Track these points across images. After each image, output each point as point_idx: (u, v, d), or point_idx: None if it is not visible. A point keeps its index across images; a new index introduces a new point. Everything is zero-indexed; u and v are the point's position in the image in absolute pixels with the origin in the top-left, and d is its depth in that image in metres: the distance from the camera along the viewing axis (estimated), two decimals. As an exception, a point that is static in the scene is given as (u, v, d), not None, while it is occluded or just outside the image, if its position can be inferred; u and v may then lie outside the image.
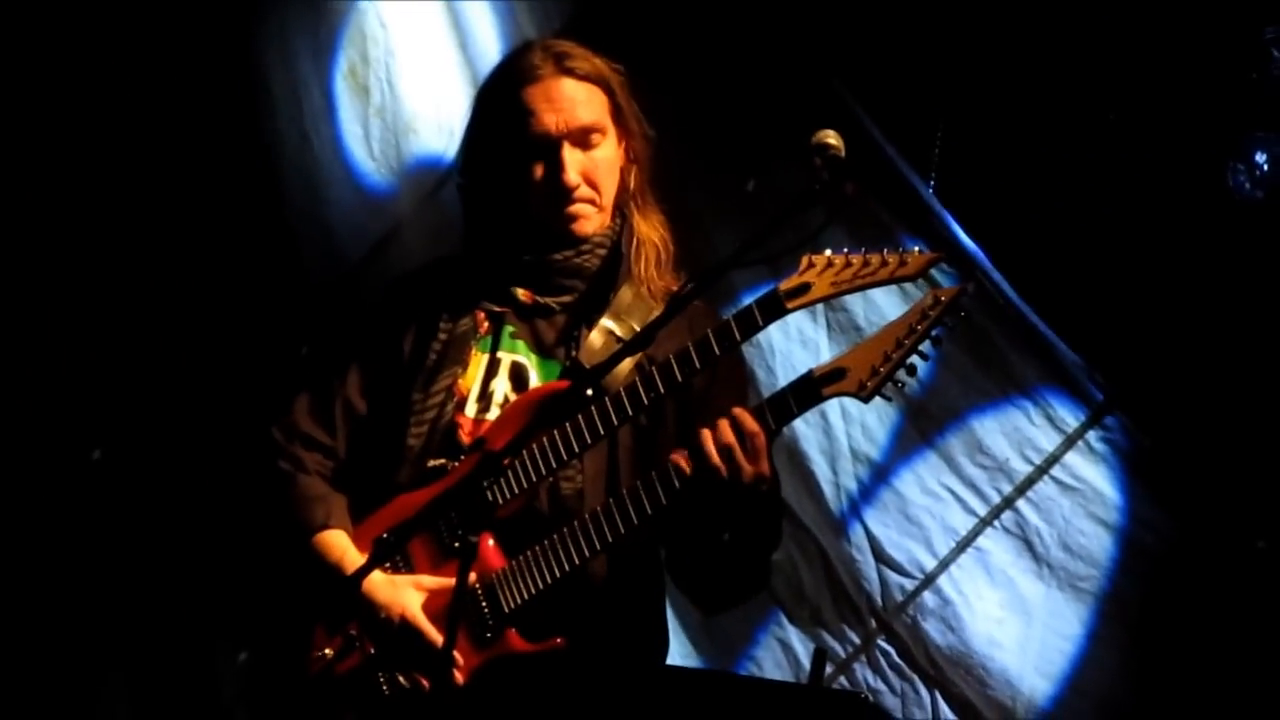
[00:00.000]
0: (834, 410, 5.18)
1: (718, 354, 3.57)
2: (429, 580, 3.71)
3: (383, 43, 5.75)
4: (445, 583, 3.64)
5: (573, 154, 3.79)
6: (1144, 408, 4.95)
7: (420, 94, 5.69)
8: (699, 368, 3.58)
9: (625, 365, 3.68)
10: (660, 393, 3.60)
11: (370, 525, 3.80)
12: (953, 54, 5.16)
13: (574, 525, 3.64)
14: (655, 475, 3.59)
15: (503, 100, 3.83)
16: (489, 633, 3.67)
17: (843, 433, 5.18)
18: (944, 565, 5.10)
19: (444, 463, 3.78)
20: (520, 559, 3.67)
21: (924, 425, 5.12)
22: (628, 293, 3.84)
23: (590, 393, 3.61)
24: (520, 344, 3.85)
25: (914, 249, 3.50)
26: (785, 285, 3.54)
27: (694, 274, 3.83)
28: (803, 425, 5.19)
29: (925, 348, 3.50)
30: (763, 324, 3.54)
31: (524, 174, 3.81)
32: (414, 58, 5.70)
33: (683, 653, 5.24)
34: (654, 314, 3.78)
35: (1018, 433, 5.04)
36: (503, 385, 3.83)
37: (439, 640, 3.63)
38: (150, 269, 5.78)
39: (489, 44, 5.47)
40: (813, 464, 5.20)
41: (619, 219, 3.89)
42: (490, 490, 3.50)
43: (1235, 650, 4.80)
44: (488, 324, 3.86)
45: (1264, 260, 4.85)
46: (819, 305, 5.06)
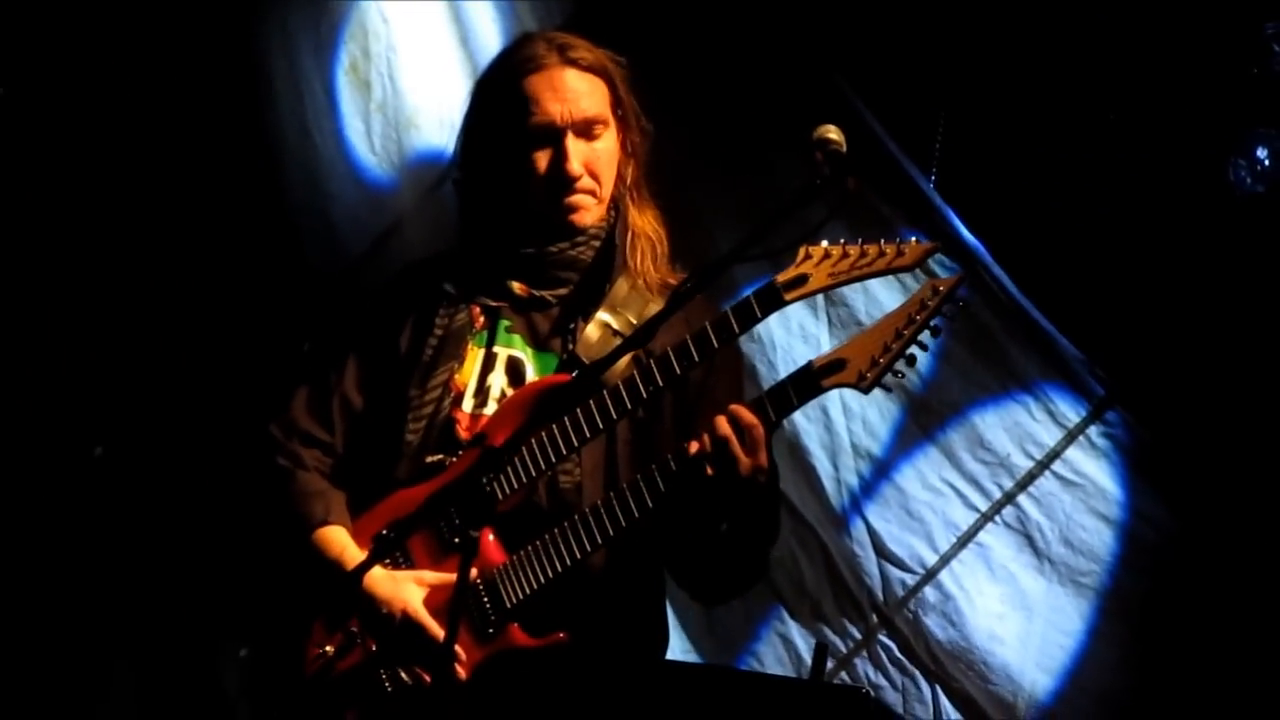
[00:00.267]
0: (835, 405, 5.18)
1: (716, 346, 3.57)
2: (430, 576, 3.71)
3: (384, 38, 5.75)
4: (447, 578, 3.64)
5: (576, 144, 3.78)
6: (1145, 403, 4.95)
7: (421, 89, 5.69)
8: (697, 360, 3.58)
9: (623, 359, 3.68)
10: (659, 386, 3.59)
11: (369, 520, 3.80)
12: (954, 49, 5.16)
13: (574, 519, 3.64)
14: (655, 468, 3.59)
15: (505, 89, 3.81)
16: (491, 628, 3.67)
17: (844, 428, 5.18)
18: (945, 560, 5.10)
19: (442, 458, 3.78)
20: (521, 554, 3.66)
21: (925, 420, 5.12)
22: (623, 285, 3.84)
23: (589, 386, 3.61)
24: (516, 338, 3.85)
25: (911, 239, 3.50)
26: (783, 277, 3.53)
27: (695, 269, 3.82)
28: (804, 420, 5.20)
29: (924, 338, 3.50)
30: (761, 316, 3.54)
31: (525, 163, 3.79)
32: (415, 53, 5.70)
33: (684, 648, 5.24)
34: (650, 306, 3.79)
35: (1019, 428, 5.05)
36: (499, 380, 3.82)
37: (441, 635, 3.62)
38: (153, 265, 5.78)
39: (490, 39, 5.47)
40: (814, 459, 5.21)
41: (614, 211, 3.88)
42: (491, 485, 3.51)
43: (1236, 646, 4.80)
44: (483, 318, 3.85)
45: (1265, 255, 4.85)
46: (819, 299, 5.10)
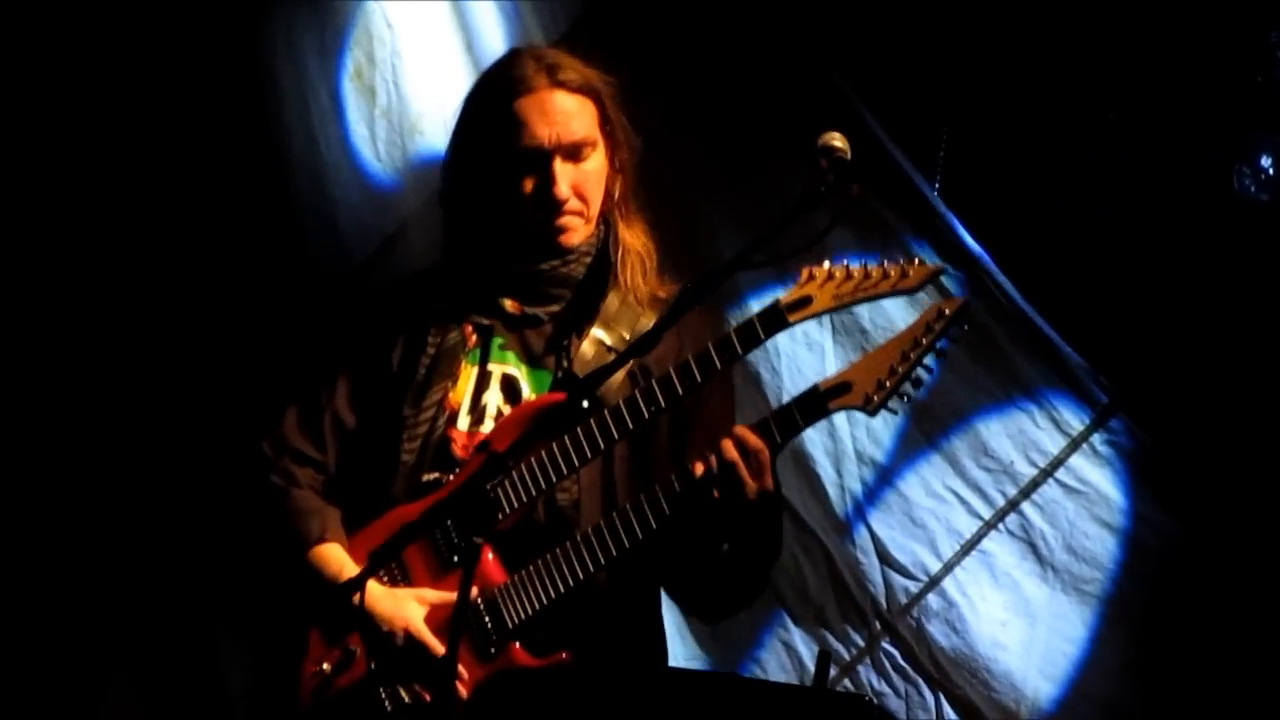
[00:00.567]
0: (839, 413, 5.18)
1: (719, 367, 3.57)
2: (431, 594, 3.71)
3: (389, 44, 5.75)
4: (448, 597, 3.63)
5: (564, 167, 3.77)
6: (1148, 410, 4.95)
7: (426, 95, 5.69)
8: (700, 381, 3.58)
9: (619, 374, 3.69)
10: (661, 406, 3.60)
11: (365, 538, 3.78)
12: (959, 57, 5.16)
13: (577, 540, 3.64)
14: (659, 490, 3.60)
15: (494, 111, 3.80)
16: (492, 647, 3.67)
17: (848, 435, 5.18)
18: (948, 568, 5.10)
19: (438, 476, 3.78)
20: (523, 573, 3.67)
21: (929, 428, 5.12)
22: (614, 300, 3.84)
23: (588, 405, 3.61)
24: (510, 355, 3.85)
25: (915, 261, 3.50)
26: (786, 298, 3.54)
27: (691, 278, 3.82)
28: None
29: (930, 361, 3.51)
30: (764, 337, 3.55)
31: (514, 185, 3.79)
32: (420, 59, 5.70)
33: (687, 655, 5.24)
34: (642, 320, 3.81)
35: (1022, 435, 5.05)
36: (495, 398, 3.82)
37: (443, 653, 3.62)
38: (160, 269, 5.78)
39: (495, 45, 5.47)
40: (818, 466, 5.21)
41: (603, 226, 3.88)
42: (495, 490, 3.51)
43: (1239, 653, 4.80)
44: (475, 336, 3.85)
45: (1269, 263, 4.85)
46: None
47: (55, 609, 5.68)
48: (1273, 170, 4.82)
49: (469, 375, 3.83)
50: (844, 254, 4.99)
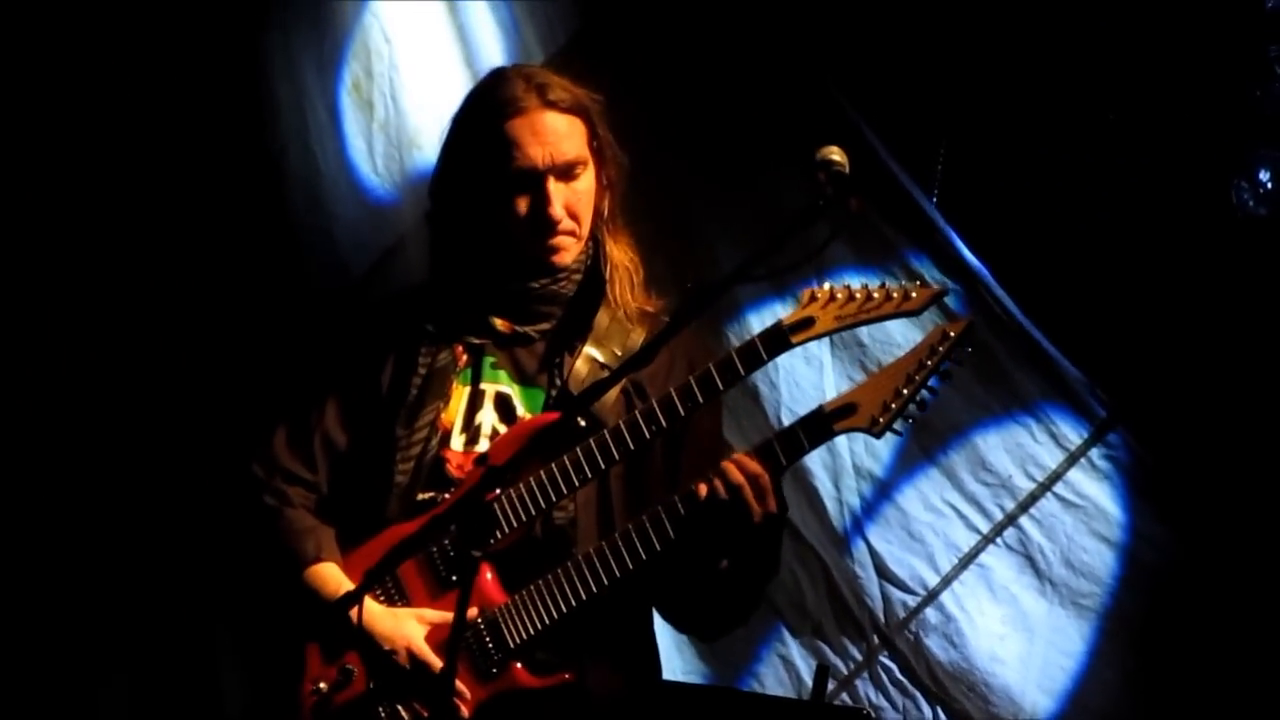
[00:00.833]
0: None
1: (721, 388, 3.57)
2: (431, 614, 3.70)
3: (387, 57, 5.75)
4: (448, 616, 3.59)
5: (557, 187, 3.76)
6: (1147, 424, 4.96)
7: (424, 109, 5.69)
8: (702, 401, 3.58)
9: (612, 391, 3.69)
10: (663, 426, 3.60)
11: (360, 557, 3.77)
12: (956, 69, 5.17)
13: (579, 560, 3.64)
14: (663, 511, 3.59)
15: (484, 132, 3.79)
16: (494, 667, 3.66)
17: (846, 449, 5.18)
18: (946, 582, 5.10)
19: (434, 495, 3.77)
20: (524, 593, 3.66)
21: (927, 441, 5.12)
22: (605, 317, 3.83)
23: (585, 424, 3.61)
24: (502, 374, 3.83)
25: (918, 282, 3.50)
26: (789, 319, 3.54)
27: (694, 289, 3.82)
28: (806, 440, 5.19)
29: (934, 382, 3.51)
30: (767, 358, 3.55)
31: (507, 206, 3.78)
32: (418, 72, 5.70)
33: (685, 668, 5.24)
34: (632, 336, 3.80)
35: (1020, 449, 5.05)
36: (490, 417, 3.81)
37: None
38: (157, 282, 5.78)
39: (493, 58, 5.47)
40: (816, 480, 5.20)
41: (592, 243, 3.87)
42: (495, 503, 3.50)
43: (1237, 667, 4.80)
44: (466, 356, 3.84)
45: (1267, 277, 4.85)
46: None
47: (53, 624, 5.67)
48: (1271, 184, 4.83)
49: (461, 395, 3.82)
50: (842, 268, 5.02)
